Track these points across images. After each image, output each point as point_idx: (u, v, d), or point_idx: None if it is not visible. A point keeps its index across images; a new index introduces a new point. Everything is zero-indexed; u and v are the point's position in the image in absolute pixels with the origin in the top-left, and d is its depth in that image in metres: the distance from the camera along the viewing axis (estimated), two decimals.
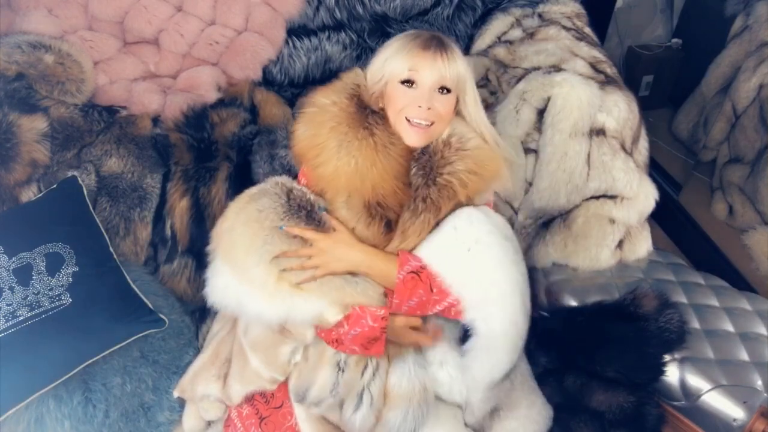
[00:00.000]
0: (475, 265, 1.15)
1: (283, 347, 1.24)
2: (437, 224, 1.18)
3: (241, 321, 1.30)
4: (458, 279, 1.15)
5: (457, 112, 1.22)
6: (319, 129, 1.16)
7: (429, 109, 1.14)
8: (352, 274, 1.17)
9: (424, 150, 1.20)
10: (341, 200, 1.18)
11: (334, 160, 1.14)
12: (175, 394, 1.38)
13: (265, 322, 1.16)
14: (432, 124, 1.16)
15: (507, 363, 1.20)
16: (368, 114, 1.17)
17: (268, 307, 1.13)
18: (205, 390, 1.33)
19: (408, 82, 1.16)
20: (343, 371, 1.19)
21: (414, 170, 1.19)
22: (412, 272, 1.14)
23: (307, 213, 1.17)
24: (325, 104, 1.18)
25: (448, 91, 1.16)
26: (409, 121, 1.16)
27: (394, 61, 1.17)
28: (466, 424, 1.28)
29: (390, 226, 1.19)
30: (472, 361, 1.20)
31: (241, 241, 1.15)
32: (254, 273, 1.13)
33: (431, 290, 1.15)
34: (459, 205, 1.19)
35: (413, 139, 1.17)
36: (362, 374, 1.19)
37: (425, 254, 1.16)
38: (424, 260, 1.16)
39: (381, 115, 1.18)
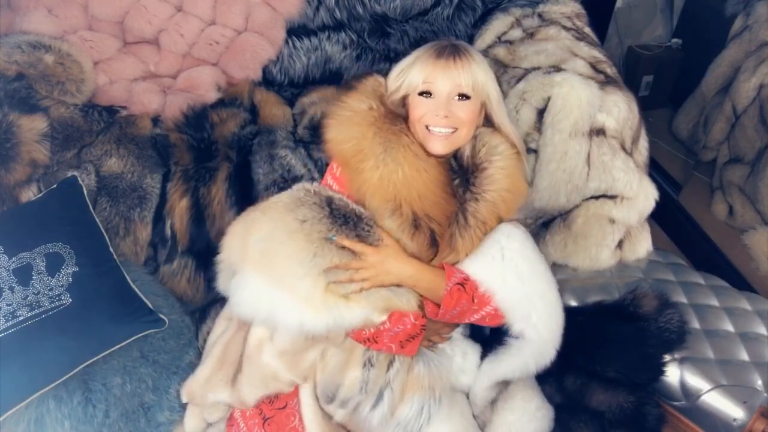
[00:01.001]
0: (525, 280, 1.17)
1: (310, 352, 1.23)
2: None
3: (263, 328, 1.27)
4: (509, 294, 1.16)
5: (489, 120, 1.23)
6: (363, 133, 1.15)
7: (446, 117, 1.14)
8: (397, 285, 1.17)
9: (460, 161, 1.20)
10: (389, 209, 1.15)
11: (381, 167, 1.13)
12: (184, 399, 1.37)
13: (306, 332, 1.13)
14: (455, 130, 1.16)
15: (535, 368, 1.22)
16: (402, 121, 1.18)
17: (312, 318, 1.11)
18: (215, 397, 1.32)
19: (425, 93, 1.16)
20: (373, 366, 1.19)
21: (457, 182, 1.20)
22: (458, 283, 1.15)
23: (354, 224, 1.15)
24: (362, 108, 1.17)
25: (467, 97, 1.16)
26: (429, 129, 1.16)
27: (410, 73, 1.17)
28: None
29: (434, 238, 1.18)
30: (507, 357, 1.22)
31: (285, 252, 1.12)
32: (299, 285, 1.11)
33: (473, 300, 1.16)
34: (499, 221, 1.20)
35: (435, 146, 1.17)
36: (388, 369, 1.19)
37: (475, 270, 1.17)
38: (474, 276, 1.16)
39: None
